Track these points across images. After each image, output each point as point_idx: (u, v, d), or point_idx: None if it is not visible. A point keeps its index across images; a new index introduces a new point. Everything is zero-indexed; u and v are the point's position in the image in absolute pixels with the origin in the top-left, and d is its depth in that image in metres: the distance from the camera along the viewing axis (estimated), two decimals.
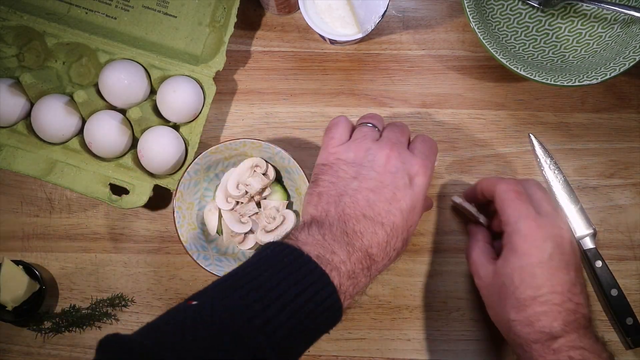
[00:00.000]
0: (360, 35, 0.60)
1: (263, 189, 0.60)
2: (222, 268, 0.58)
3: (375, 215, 0.45)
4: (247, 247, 0.60)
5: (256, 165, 0.60)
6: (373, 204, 0.45)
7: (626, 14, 0.59)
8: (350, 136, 0.52)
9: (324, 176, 0.48)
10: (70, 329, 0.62)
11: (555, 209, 0.52)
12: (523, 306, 0.47)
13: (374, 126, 0.52)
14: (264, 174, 0.61)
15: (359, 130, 0.51)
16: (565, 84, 0.57)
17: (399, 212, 0.46)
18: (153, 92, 0.64)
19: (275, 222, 0.60)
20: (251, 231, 0.60)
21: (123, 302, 0.63)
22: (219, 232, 0.61)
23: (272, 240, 0.46)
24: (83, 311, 0.63)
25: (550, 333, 0.46)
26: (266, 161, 0.61)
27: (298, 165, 0.58)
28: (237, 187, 0.60)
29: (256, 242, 0.60)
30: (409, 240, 0.49)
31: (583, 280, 0.50)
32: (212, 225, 0.60)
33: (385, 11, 0.60)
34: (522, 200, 0.50)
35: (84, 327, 0.63)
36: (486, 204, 0.59)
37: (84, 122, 0.63)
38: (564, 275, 0.48)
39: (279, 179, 0.62)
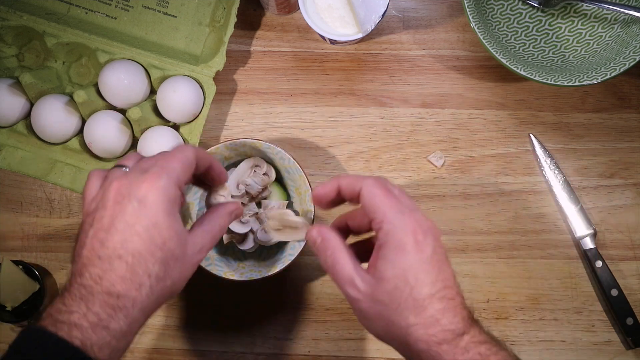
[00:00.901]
0: (360, 35, 0.60)
1: (263, 189, 0.60)
2: (222, 268, 0.58)
3: (111, 252, 0.42)
4: (247, 247, 0.60)
5: (256, 166, 0.60)
6: (106, 241, 0.43)
7: (626, 14, 0.59)
8: None
9: (79, 237, 0.45)
10: None
11: (414, 203, 0.47)
12: (422, 307, 0.43)
13: (123, 166, 0.47)
14: (264, 174, 0.60)
15: (105, 176, 0.47)
16: (565, 84, 0.57)
17: (137, 237, 0.43)
18: (153, 92, 0.64)
19: None
20: (251, 231, 0.60)
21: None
22: None
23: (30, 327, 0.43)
24: None
25: (455, 330, 0.43)
26: (266, 161, 0.61)
27: (298, 165, 0.58)
28: (237, 187, 0.60)
29: (255, 242, 0.60)
30: (183, 259, 0.45)
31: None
32: None
33: (385, 11, 0.60)
34: (393, 197, 0.46)
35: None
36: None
37: (84, 122, 0.63)
38: (447, 267, 0.45)
39: (279, 179, 0.62)
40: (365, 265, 0.46)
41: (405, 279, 0.43)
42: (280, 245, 0.61)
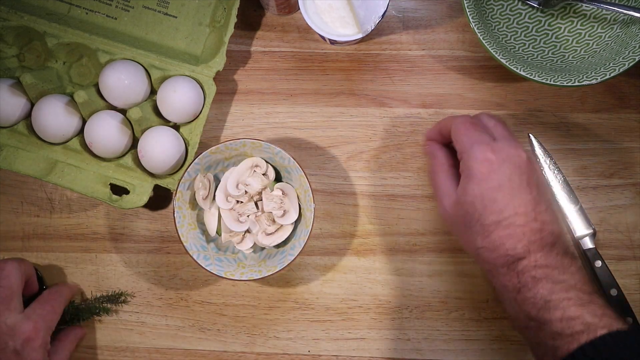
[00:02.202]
0: (360, 36, 0.60)
1: (263, 189, 0.60)
2: (222, 268, 0.58)
3: None
4: (245, 248, 0.60)
5: (256, 165, 0.60)
6: None
7: (626, 14, 0.59)
8: None
9: None
10: (71, 323, 0.62)
11: (510, 132, 0.51)
12: (487, 232, 0.47)
13: None
14: (263, 174, 0.61)
15: None
16: (565, 84, 0.57)
17: None
18: (153, 92, 0.64)
19: (275, 225, 0.60)
20: (249, 231, 0.60)
21: (122, 298, 0.63)
22: (219, 232, 0.61)
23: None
24: (82, 305, 0.63)
25: (514, 255, 0.46)
26: (266, 161, 0.61)
27: (298, 165, 0.58)
28: (237, 186, 0.60)
29: (254, 243, 0.60)
30: None
31: (549, 197, 0.49)
32: (211, 225, 0.61)
33: (385, 11, 0.60)
34: (476, 129, 0.50)
35: (83, 320, 0.62)
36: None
37: (84, 122, 0.63)
38: (526, 195, 0.47)
39: (278, 179, 0.62)
40: None
41: (474, 206, 0.47)
42: (280, 245, 0.61)
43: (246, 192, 0.60)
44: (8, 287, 0.55)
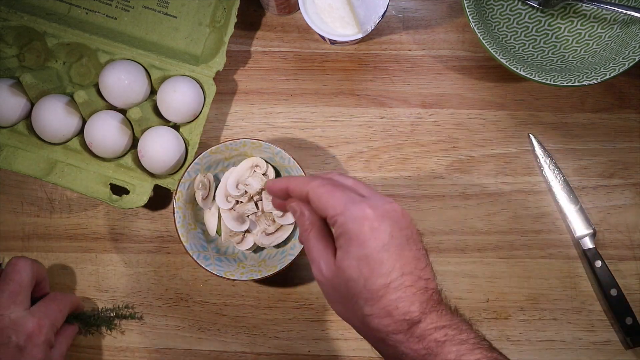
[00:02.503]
0: (360, 36, 0.60)
1: (263, 189, 0.60)
2: (222, 268, 0.58)
3: None
4: (245, 248, 0.60)
5: (256, 165, 0.60)
6: None
7: (626, 14, 0.59)
8: None
9: None
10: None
11: (373, 189, 0.46)
12: (376, 297, 0.42)
13: None
14: (263, 174, 0.61)
15: None
16: (564, 84, 0.57)
17: None
18: (153, 92, 0.64)
19: (275, 225, 0.60)
20: (249, 231, 0.60)
21: (129, 313, 0.60)
22: (219, 232, 0.61)
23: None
24: (93, 315, 0.61)
25: (410, 320, 0.42)
26: (266, 161, 0.61)
27: (298, 165, 0.58)
28: (237, 186, 0.60)
29: (254, 243, 0.60)
30: None
31: (425, 251, 0.45)
32: (211, 225, 0.61)
33: (385, 11, 0.60)
34: (343, 190, 0.45)
35: (89, 331, 0.60)
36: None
37: (84, 122, 0.63)
38: (408, 252, 0.43)
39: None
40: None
41: (359, 270, 0.42)
42: (280, 245, 0.61)
43: (246, 192, 0.60)
44: (18, 282, 0.55)
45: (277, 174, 0.62)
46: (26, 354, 0.51)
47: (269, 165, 0.61)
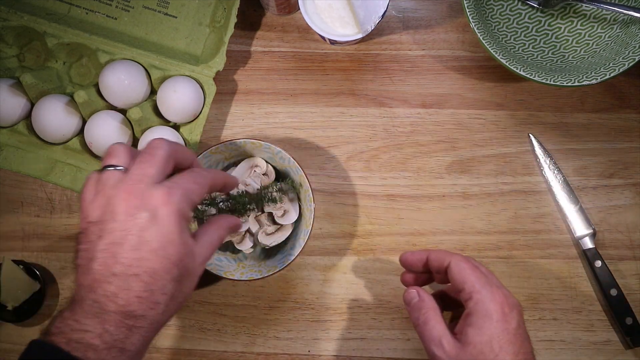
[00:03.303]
0: (360, 36, 0.60)
1: (261, 188, 0.60)
2: (222, 268, 0.58)
3: (126, 269, 0.41)
4: (245, 248, 0.60)
5: (256, 165, 0.60)
6: (120, 257, 0.41)
7: (625, 14, 0.59)
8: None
9: (80, 246, 0.44)
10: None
11: (499, 281, 0.51)
12: None
13: (116, 167, 0.46)
14: (263, 174, 0.61)
15: (99, 179, 0.45)
16: (564, 84, 0.57)
17: (152, 254, 0.42)
18: (153, 92, 0.64)
19: (275, 225, 0.60)
20: (249, 231, 0.60)
21: (293, 186, 0.58)
22: None
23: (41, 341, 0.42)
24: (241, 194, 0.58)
25: None
26: (266, 161, 0.61)
27: (298, 166, 0.58)
28: (237, 186, 0.60)
29: (254, 243, 0.60)
30: (193, 273, 0.45)
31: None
32: None
33: (385, 11, 0.60)
34: (480, 272, 0.49)
35: (249, 212, 0.58)
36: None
37: (84, 122, 0.63)
38: (529, 344, 0.48)
39: (278, 179, 0.62)
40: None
41: (490, 345, 0.46)
42: (281, 245, 0.61)
43: (246, 192, 0.60)
44: (153, 157, 0.46)
45: (277, 174, 0.62)
46: (157, 224, 0.43)
47: (269, 165, 0.61)
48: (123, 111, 0.63)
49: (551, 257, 0.63)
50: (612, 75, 0.56)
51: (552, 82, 0.57)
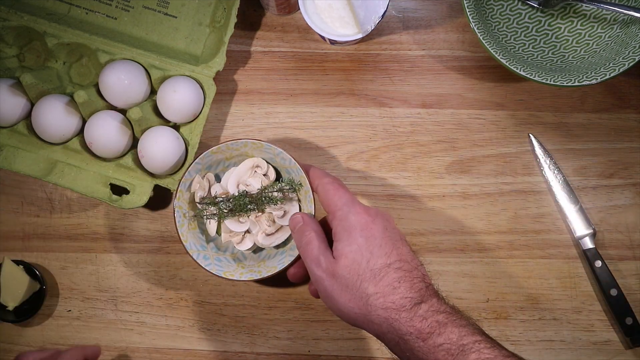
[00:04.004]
0: (360, 36, 0.60)
1: (263, 190, 0.60)
2: (222, 268, 0.58)
3: None
4: (245, 248, 0.60)
5: (257, 166, 0.60)
6: None
7: (626, 14, 0.59)
8: None
9: None
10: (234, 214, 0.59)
11: None
12: (379, 276, 0.47)
13: None
14: (264, 175, 0.61)
15: None
16: (564, 84, 0.57)
17: None
18: (153, 92, 0.64)
19: (275, 226, 0.60)
20: (249, 231, 0.60)
21: (293, 187, 0.59)
22: (219, 232, 0.61)
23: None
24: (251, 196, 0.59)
25: (413, 298, 0.46)
26: (267, 162, 0.61)
27: (299, 166, 0.58)
28: (237, 186, 0.60)
29: (254, 243, 0.60)
30: None
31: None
32: (211, 225, 0.61)
33: (385, 11, 0.60)
34: (345, 191, 0.52)
35: (249, 212, 0.59)
36: None
37: (84, 122, 0.63)
38: (403, 246, 0.49)
39: (279, 180, 0.62)
40: None
41: (360, 253, 0.48)
42: (280, 246, 0.61)
43: (246, 192, 0.60)
44: None
45: (278, 174, 0.62)
46: None
47: (270, 165, 0.61)
48: (123, 111, 0.63)
49: (551, 257, 0.63)
50: (612, 75, 0.56)
51: (552, 82, 0.57)
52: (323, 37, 0.62)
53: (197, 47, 0.64)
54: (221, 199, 0.58)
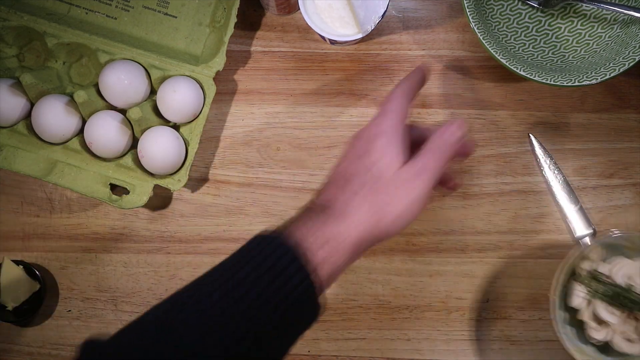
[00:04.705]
0: (360, 36, 0.60)
1: None
2: None
3: None
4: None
5: None
6: None
7: (626, 14, 0.59)
8: None
9: None
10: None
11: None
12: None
13: None
14: None
15: None
16: (564, 84, 0.57)
17: None
18: (153, 92, 0.64)
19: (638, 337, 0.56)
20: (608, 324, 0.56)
21: None
22: (578, 307, 0.57)
23: None
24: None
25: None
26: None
27: None
28: (624, 278, 0.56)
29: (608, 335, 0.56)
30: None
31: None
32: (576, 298, 0.57)
33: (385, 11, 0.60)
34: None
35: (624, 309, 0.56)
36: None
37: (84, 122, 0.63)
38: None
39: None
40: None
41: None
42: None
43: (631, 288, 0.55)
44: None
45: None
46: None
47: None
48: (123, 111, 0.63)
49: (551, 257, 0.63)
50: (612, 75, 0.56)
51: (552, 82, 0.57)
52: (323, 37, 0.62)
53: (197, 47, 0.64)
54: (608, 281, 0.56)
